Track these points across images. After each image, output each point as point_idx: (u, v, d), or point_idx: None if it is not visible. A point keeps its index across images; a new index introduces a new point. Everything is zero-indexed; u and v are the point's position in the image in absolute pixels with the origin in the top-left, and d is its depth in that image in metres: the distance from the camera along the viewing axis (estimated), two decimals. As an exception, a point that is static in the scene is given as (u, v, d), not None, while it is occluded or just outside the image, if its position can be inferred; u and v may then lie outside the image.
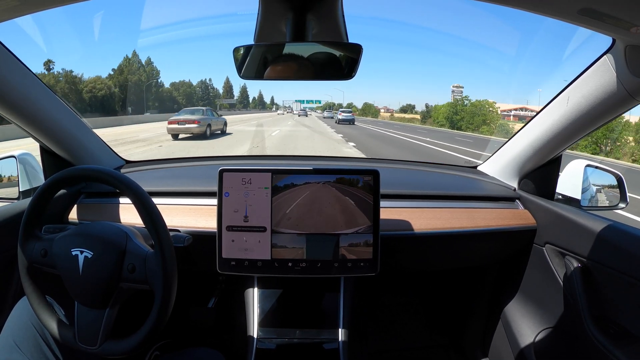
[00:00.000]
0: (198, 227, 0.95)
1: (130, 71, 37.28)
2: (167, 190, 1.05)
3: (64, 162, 1.06)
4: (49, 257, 0.71)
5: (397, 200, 1.05)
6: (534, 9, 0.55)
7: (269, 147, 10.17)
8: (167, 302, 0.66)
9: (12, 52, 0.80)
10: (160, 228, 0.68)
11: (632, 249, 0.77)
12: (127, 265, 0.68)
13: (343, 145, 11.22)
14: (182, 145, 10.27)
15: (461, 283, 1.37)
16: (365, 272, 0.87)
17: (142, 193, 0.69)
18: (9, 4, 0.53)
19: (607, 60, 0.72)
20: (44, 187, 0.72)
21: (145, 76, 39.38)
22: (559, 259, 0.96)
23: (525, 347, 1.03)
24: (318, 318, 0.97)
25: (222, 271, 0.87)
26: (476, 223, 1.01)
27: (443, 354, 1.41)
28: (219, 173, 0.86)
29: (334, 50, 0.69)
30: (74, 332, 0.69)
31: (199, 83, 53.36)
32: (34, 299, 0.72)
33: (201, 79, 64.67)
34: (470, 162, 2.03)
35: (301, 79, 0.70)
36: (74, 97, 28.96)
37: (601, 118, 0.82)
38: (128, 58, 38.59)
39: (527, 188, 1.10)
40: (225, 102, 53.54)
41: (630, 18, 0.52)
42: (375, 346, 1.43)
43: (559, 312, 0.96)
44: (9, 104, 0.84)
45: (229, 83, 57.85)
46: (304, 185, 0.87)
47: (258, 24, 0.73)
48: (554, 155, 1.00)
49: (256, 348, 0.92)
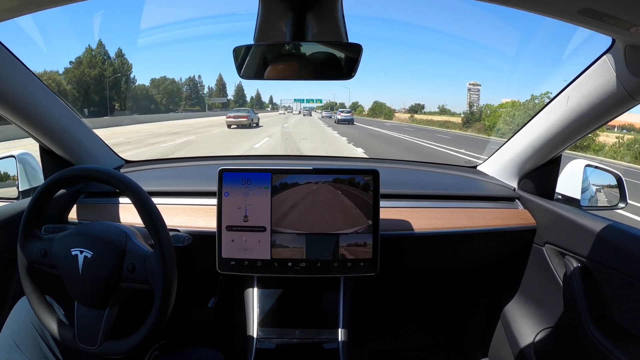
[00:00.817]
0: (198, 227, 0.95)
1: (91, 64, 30.84)
2: (167, 190, 1.05)
3: (64, 162, 1.06)
4: (49, 257, 0.71)
5: (397, 200, 1.05)
6: (533, 9, 0.55)
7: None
8: (166, 302, 0.66)
9: (12, 52, 0.80)
10: (160, 228, 0.68)
11: (632, 248, 0.77)
12: (127, 265, 0.68)
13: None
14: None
15: (461, 283, 1.37)
16: (365, 272, 0.87)
17: (141, 193, 0.69)
18: (9, 4, 0.53)
19: (606, 60, 0.72)
20: (44, 187, 0.72)
21: (111, 70, 32.56)
22: (559, 259, 0.96)
23: (525, 347, 1.03)
24: (318, 318, 0.97)
25: (222, 271, 0.87)
26: (476, 223, 1.01)
27: (443, 354, 1.41)
28: (219, 173, 0.86)
29: (333, 50, 0.69)
30: (74, 332, 0.69)
31: (186, 80, 49.91)
32: (33, 299, 0.72)
33: (190, 75, 60.71)
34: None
35: (301, 78, 0.70)
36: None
37: (601, 118, 0.82)
38: (91, 49, 32.37)
39: (526, 188, 1.10)
40: (217, 102, 50.12)
41: (630, 18, 0.52)
42: (375, 346, 1.43)
43: (558, 312, 0.96)
44: (9, 104, 0.84)
45: (222, 81, 54.63)
46: (303, 185, 0.87)
47: (258, 24, 0.72)
48: (553, 155, 1.00)
49: (256, 348, 0.91)
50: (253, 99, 62.92)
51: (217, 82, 54.92)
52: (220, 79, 54.68)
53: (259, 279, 1.01)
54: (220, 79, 54.68)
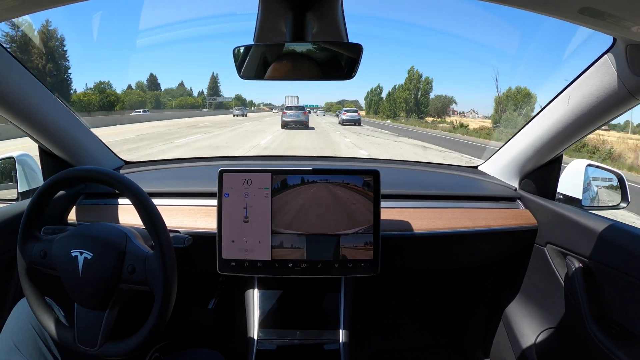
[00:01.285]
0: (198, 227, 0.95)
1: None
2: (167, 191, 1.05)
3: (63, 163, 1.06)
4: (49, 258, 0.70)
5: (397, 201, 1.05)
6: (534, 9, 0.55)
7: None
8: (167, 303, 0.66)
9: (11, 52, 0.79)
10: (160, 229, 0.68)
11: (634, 248, 0.77)
12: (127, 266, 0.68)
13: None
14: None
15: (462, 283, 1.36)
16: (366, 272, 0.86)
17: (141, 194, 0.69)
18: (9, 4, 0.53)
19: (608, 59, 0.72)
20: (43, 188, 0.72)
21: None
22: (560, 259, 0.96)
23: (526, 348, 1.03)
24: (319, 319, 0.97)
25: (222, 272, 0.86)
26: (477, 223, 1.01)
27: (444, 355, 1.41)
28: (219, 174, 0.86)
29: (334, 50, 0.69)
30: (74, 334, 0.69)
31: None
32: (33, 300, 0.72)
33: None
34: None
35: (301, 78, 0.70)
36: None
37: (602, 117, 0.82)
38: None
39: (528, 188, 1.10)
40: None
41: (632, 17, 0.52)
42: (376, 347, 1.43)
43: (560, 312, 0.95)
44: (8, 104, 0.84)
45: (215, 80, 51.60)
46: (304, 186, 0.86)
47: (258, 24, 0.72)
48: (554, 154, 0.99)
49: (256, 349, 0.91)
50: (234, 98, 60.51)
51: (210, 82, 52.94)
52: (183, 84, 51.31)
53: (260, 279, 1.01)
54: (182, 84, 51.31)
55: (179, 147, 10.24)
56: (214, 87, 52.46)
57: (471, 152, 10.73)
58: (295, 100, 33.01)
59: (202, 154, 7.98)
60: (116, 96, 31.36)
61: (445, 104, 36.41)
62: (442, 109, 36.09)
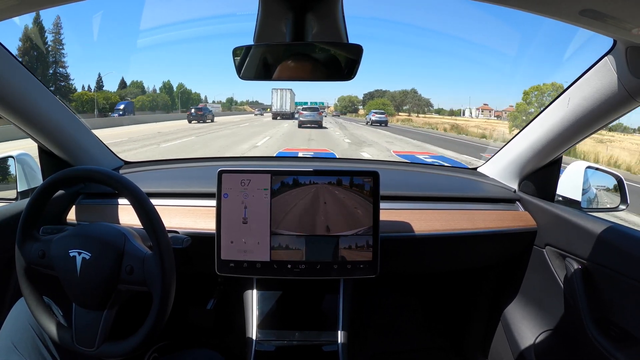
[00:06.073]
0: (197, 228, 0.95)
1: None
2: (166, 192, 1.05)
3: (63, 162, 1.06)
4: (47, 258, 0.70)
5: (397, 202, 1.05)
6: (534, 10, 0.55)
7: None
8: (165, 303, 0.66)
9: (11, 52, 0.79)
10: (159, 229, 0.68)
11: (633, 250, 0.77)
12: (125, 266, 0.67)
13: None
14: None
15: (461, 285, 1.36)
16: (365, 274, 0.86)
17: (140, 194, 0.69)
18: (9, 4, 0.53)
19: (608, 61, 0.72)
20: (42, 188, 0.72)
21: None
22: (560, 261, 0.96)
23: (525, 350, 1.03)
24: (317, 320, 0.97)
25: (221, 273, 0.86)
26: (476, 225, 1.01)
27: (443, 357, 1.41)
28: (218, 174, 0.86)
29: (334, 51, 0.69)
30: (72, 334, 0.69)
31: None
32: (31, 301, 0.72)
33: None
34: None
35: (301, 79, 0.70)
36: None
37: (602, 119, 0.82)
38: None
39: (527, 190, 1.10)
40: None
41: (632, 19, 0.52)
42: (375, 348, 1.43)
43: (559, 314, 0.95)
44: (8, 104, 0.83)
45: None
46: (303, 187, 0.86)
47: (258, 24, 0.72)
48: (554, 156, 0.99)
49: (255, 350, 0.91)
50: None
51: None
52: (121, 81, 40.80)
53: (259, 280, 1.01)
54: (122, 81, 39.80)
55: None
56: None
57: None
58: (287, 96, 27.97)
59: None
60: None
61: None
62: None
